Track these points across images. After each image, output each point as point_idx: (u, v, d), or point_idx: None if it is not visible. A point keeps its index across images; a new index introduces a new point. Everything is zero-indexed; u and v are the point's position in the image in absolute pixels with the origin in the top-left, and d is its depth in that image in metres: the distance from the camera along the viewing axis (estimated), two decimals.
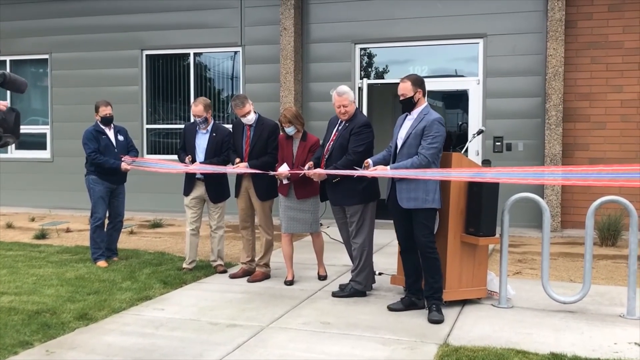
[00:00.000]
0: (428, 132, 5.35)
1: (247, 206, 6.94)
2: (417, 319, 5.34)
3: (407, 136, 5.47)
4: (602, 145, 9.91)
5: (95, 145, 7.39)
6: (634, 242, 5.45)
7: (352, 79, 11.03)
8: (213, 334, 4.96)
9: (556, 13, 9.79)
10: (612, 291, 6.31)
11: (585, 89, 9.95)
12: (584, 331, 5.03)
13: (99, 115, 7.52)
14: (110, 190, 7.57)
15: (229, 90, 12.13)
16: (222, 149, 7.16)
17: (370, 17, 10.93)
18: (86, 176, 7.57)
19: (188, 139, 7.28)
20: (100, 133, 7.49)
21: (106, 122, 7.55)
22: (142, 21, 12.20)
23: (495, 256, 7.53)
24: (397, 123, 5.75)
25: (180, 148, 7.43)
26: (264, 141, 6.78)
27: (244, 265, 6.99)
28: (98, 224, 7.50)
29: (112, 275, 6.85)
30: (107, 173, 7.45)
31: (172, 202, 11.08)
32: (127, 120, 11.88)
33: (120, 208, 7.74)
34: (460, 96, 12.02)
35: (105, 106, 7.53)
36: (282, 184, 6.62)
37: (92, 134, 7.45)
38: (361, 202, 6.08)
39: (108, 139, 7.50)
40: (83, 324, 5.19)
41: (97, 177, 7.46)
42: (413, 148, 5.40)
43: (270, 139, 6.79)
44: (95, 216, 7.50)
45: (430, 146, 5.32)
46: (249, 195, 6.87)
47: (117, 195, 7.67)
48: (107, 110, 7.54)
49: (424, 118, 5.44)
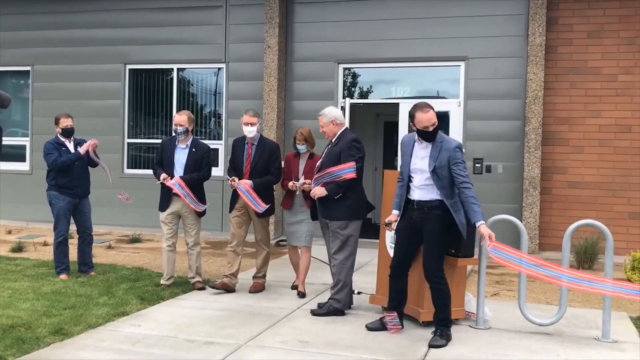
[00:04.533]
0: (455, 159, 5.35)
1: (243, 221, 7.01)
2: (396, 339, 5.35)
3: (434, 166, 5.39)
4: (580, 170, 10.05)
5: (57, 155, 7.34)
6: (609, 266, 5.52)
7: (334, 98, 11.11)
8: (190, 352, 4.93)
9: (537, 38, 9.96)
10: (588, 314, 6.37)
11: (564, 113, 10.11)
12: (560, 353, 5.08)
13: (59, 127, 7.50)
14: (72, 205, 7.47)
15: (212, 106, 12.14)
16: (201, 164, 7.15)
17: (354, 38, 11.04)
18: (47, 191, 7.49)
19: (166, 154, 7.18)
20: (61, 145, 7.45)
21: (67, 134, 7.51)
22: (126, 35, 12.20)
23: (473, 277, 7.57)
24: (405, 150, 5.63)
25: (157, 163, 7.29)
26: (266, 160, 6.87)
27: (226, 279, 6.94)
28: (60, 239, 7.43)
29: (89, 290, 6.78)
30: (68, 187, 7.35)
31: (150, 217, 10.99)
32: (108, 134, 11.90)
33: (86, 222, 7.62)
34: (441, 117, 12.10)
35: (66, 118, 7.52)
36: (287, 198, 6.89)
37: (52, 145, 7.43)
38: (346, 218, 6.10)
39: (68, 151, 7.44)
40: (58, 339, 5.13)
41: (58, 193, 7.40)
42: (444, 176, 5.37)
43: (272, 159, 6.90)
44: (57, 232, 7.44)
45: (465, 172, 5.37)
46: (247, 212, 6.95)
47: (81, 210, 7.55)
48: (68, 122, 7.52)
49: (442, 146, 5.40)
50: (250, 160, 6.90)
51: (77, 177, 7.44)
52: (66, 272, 7.44)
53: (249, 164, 6.88)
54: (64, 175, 7.37)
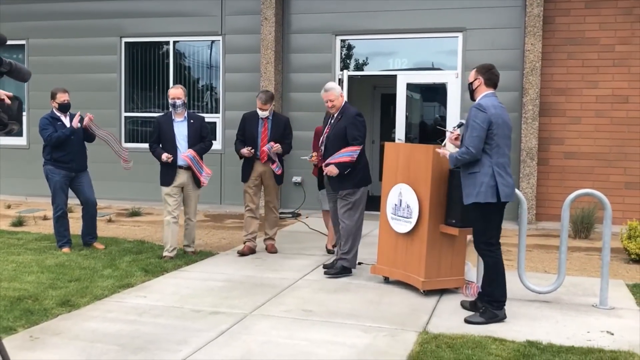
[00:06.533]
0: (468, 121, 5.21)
1: (258, 189, 7.58)
2: (397, 308, 5.44)
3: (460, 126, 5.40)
4: (576, 140, 10.11)
5: (52, 130, 7.33)
6: (607, 235, 5.60)
7: (332, 71, 11.09)
8: (196, 321, 5.00)
9: (534, 9, 9.94)
10: (585, 282, 6.47)
11: (561, 84, 10.13)
12: (559, 320, 5.18)
13: (55, 102, 7.47)
14: (69, 179, 7.46)
15: (208, 79, 12.10)
16: (202, 134, 7.37)
17: (351, 9, 10.99)
18: (44, 166, 7.49)
19: (165, 130, 7.24)
20: (56, 120, 7.43)
21: (63, 109, 7.49)
22: (122, 8, 12.11)
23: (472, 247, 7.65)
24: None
25: (154, 141, 7.34)
26: (281, 132, 7.48)
27: (249, 243, 7.52)
28: (59, 213, 7.46)
29: (93, 262, 6.85)
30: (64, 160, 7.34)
31: (149, 191, 11.08)
32: (105, 108, 11.88)
33: (87, 194, 7.56)
34: (438, 89, 12.13)
35: (62, 93, 7.50)
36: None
37: (48, 120, 7.41)
38: (354, 186, 6.49)
39: (63, 125, 7.40)
40: (65, 310, 5.20)
41: (54, 167, 7.40)
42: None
43: (287, 132, 7.58)
44: (55, 206, 7.47)
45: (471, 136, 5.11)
46: (261, 180, 7.51)
47: (80, 183, 7.53)
48: (65, 97, 7.50)
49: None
50: (267, 133, 7.42)
51: (73, 152, 7.41)
52: (68, 246, 7.50)
53: (266, 137, 7.40)
54: (59, 150, 7.36)
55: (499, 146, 5.06)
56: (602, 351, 4.41)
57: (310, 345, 4.50)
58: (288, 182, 11.35)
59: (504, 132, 5.10)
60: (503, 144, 5.08)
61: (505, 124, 5.12)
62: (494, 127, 5.06)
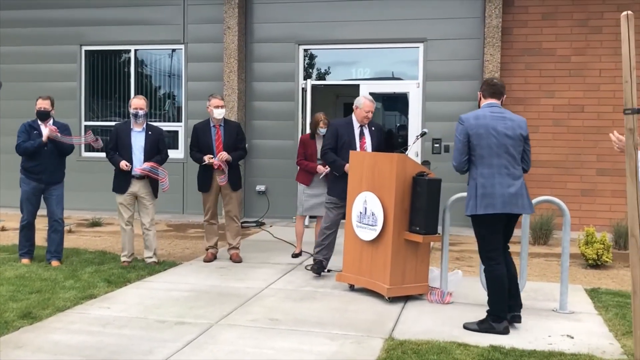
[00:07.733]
0: None
1: (216, 197, 7.58)
2: (363, 315, 5.49)
3: None
4: (535, 148, 10.17)
5: (23, 139, 7.14)
6: (566, 241, 5.74)
7: (295, 80, 11.14)
8: (161, 332, 4.96)
9: (493, 20, 10.15)
10: (545, 287, 6.61)
11: (520, 93, 10.35)
12: (521, 325, 5.28)
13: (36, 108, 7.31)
14: (38, 191, 7.25)
15: (170, 88, 12.03)
16: (159, 147, 7.34)
17: (314, 19, 11.06)
18: (20, 174, 7.36)
19: (122, 139, 7.21)
20: (34, 128, 7.20)
21: (40, 116, 7.22)
22: (82, 16, 11.96)
23: (434, 254, 7.76)
24: None
25: (111, 148, 7.27)
26: (234, 139, 7.51)
27: (212, 250, 7.62)
28: (23, 224, 7.32)
29: (54, 274, 6.73)
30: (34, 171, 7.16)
31: (108, 200, 10.82)
32: (65, 117, 11.58)
33: (53, 208, 7.32)
34: (399, 98, 12.27)
35: (42, 100, 7.25)
36: (305, 175, 7.71)
37: (25, 127, 7.23)
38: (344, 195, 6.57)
39: (39, 135, 7.14)
40: (27, 322, 5.11)
41: (25, 177, 7.24)
42: None
43: (239, 137, 7.63)
44: (21, 216, 7.34)
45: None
46: (218, 189, 7.48)
47: (49, 196, 7.31)
48: (43, 104, 7.22)
49: None
50: (221, 140, 7.43)
51: (44, 163, 7.16)
52: (28, 257, 7.34)
53: (221, 144, 7.41)
54: (31, 160, 7.17)
55: (482, 156, 5.05)
56: (562, 354, 4.52)
57: (277, 354, 4.51)
58: (251, 190, 11.34)
59: (489, 141, 5.03)
60: (488, 154, 5.04)
61: (489, 133, 5.03)
62: (473, 137, 5.05)
